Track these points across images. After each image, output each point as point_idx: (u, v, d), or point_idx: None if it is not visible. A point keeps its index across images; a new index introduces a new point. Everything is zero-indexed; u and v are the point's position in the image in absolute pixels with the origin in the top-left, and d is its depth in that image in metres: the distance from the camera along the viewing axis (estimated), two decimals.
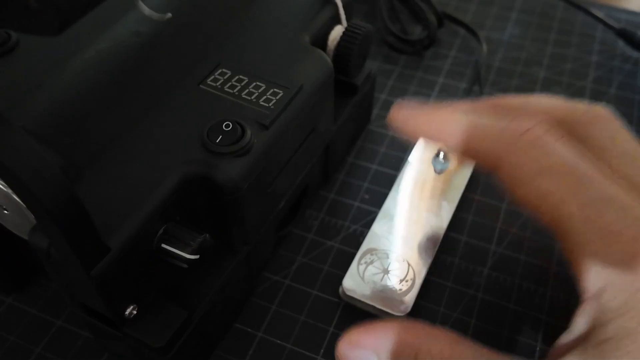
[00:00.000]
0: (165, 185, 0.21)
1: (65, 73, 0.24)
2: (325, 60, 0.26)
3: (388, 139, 0.36)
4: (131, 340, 0.22)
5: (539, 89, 0.39)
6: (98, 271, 0.19)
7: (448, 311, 0.28)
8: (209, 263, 0.24)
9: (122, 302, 0.22)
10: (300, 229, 0.31)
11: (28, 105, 0.23)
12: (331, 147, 0.31)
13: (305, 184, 0.29)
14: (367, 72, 0.32)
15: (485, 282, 0.29)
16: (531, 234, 0.31)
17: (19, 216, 0.21)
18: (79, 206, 0.17)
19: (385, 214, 0.31)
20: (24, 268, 0.28)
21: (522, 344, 0.27)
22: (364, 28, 0.29)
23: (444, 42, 0.43)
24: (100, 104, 0.23)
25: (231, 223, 0.24)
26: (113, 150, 0.22)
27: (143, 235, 0.20)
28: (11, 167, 0.15)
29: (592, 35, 0.43)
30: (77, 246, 0.18)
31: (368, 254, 0.29)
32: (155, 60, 0.25)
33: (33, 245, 0.20)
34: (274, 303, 0.28)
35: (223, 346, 0.27)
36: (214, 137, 0.22)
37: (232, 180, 0.22)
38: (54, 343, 0.27)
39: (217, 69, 0.25)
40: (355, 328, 0.20)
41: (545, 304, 0.28)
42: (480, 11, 0.45)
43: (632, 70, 0.41)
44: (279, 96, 0.24)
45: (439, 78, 0.40)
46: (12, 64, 0.24)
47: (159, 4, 0.27)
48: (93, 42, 0.25)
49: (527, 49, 0.42)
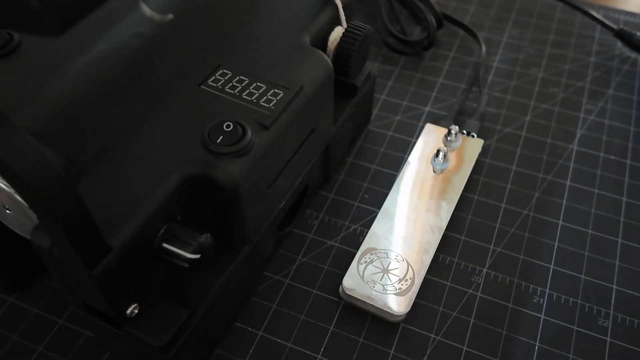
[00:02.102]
0: (166, 185, 0.21)
1: (67, 74, 0.24)
2: (326, 61, 0.27)
3: (388, 139, 0.36)
4: (132, 339, 0.23)
5: (538, 89, 0.39)
6: (100, 270, 0.19)
7: (447, 310, 0.28)
8: (209, 262, 0.24)
9: (123, 301, 0.22)
10: (300, 228, 0.31)
11: (30, 105, 0.23)
12: (331, 147, 0.31)
13: (305, 183, 0.29)
14: (367, 72, 0.32)
15: (484, 281, 0.29)
16: (530, 234, 0.31)
17: (21, 216, 0.21)
18: (81, 206, 0.17)
19: (385, 213, 0.31)
20: (26, 267, 0.28)
21: (521, 343, 0.27)
22: (363, 29, 0.29)
23: (443, 43, 0.43)
24: (102, 105, 0.23)
25: (232, 223, 0.24)
26: (114, 150, 0.22)
27: (144, 234, 0.20)
28: (14, 166, 0.15)
29: (590, 36, 0.43)
30: (79, 245, 0.18)
31: (368, 254, 0.29)
32: (157, 61, 0.25)
33: (35, 244, 0.20)
34: (275, 302, 0.28)
35: (224, 345, 0.27)
36: (214, 137, 0.22)
37: (232, 180, 0.22)
38: (55, 342, 0.27)
39: (218, 69, 0.25)
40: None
41: (544, 303, 0.28)
42: (479, 12, 0.46)
43: (630, 71, 0.41)
44: (279, 97, 0.24)
45: (439, 79, 0.40)
46: (14, 65, 0.24)
47: (160, 5, 0.27)
48: (95, 43, 0.25)
49: (526, 49, 0.42)
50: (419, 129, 0.36)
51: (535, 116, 0.37)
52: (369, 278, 0.28)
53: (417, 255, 0.29)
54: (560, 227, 0.31)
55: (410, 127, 0.37)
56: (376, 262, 0.29)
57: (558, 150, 0.35)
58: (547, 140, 0.36)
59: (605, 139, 0.36)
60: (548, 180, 0.34)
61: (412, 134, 0.36)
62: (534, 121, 0.37)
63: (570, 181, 0.34)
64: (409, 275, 0.28)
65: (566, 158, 0.35)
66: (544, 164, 0.35)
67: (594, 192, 0.33)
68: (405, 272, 0.28)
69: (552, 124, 0.37)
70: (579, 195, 0.33)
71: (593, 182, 0.34)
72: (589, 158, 0.35)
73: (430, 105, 0.38)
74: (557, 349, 0.27)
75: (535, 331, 0.27)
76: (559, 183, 0.34)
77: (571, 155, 0.35)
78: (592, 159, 0.35)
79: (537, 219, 0.32)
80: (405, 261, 0.29)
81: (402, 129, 0.37)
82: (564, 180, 0.34)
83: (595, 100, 0.39)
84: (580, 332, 0.27)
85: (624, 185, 0.34)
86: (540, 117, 0.37)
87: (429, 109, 0.38)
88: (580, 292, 0.29)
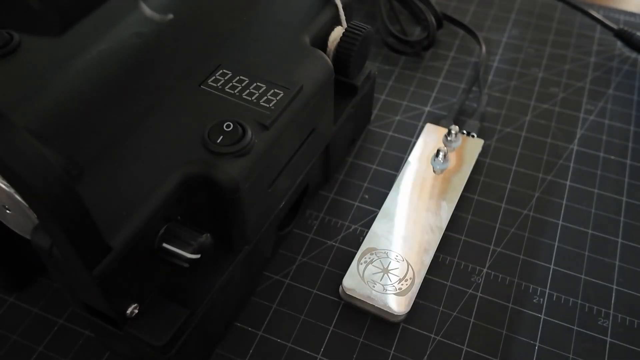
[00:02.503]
0: (166, 185, 0.21)
1: (67, 74, 0.24)
2: (326, 61, 0.27)
3: (388, 139, 0.36)
4: (132, 339, 0.23)
5: (538, 89, 0.39)
6: (100, 270, 0.19)
7: (447, 310, 0.28)
8: (210, 262, 0.24)
9: (123, 301, 0.22)
10: (300, 228, 0.31)
11: (30, 105, 0.23)
12: (331, 147, 0.31)
13: (305, 183, 0.29)
14: (367, 72, 0.32)
15: (484, 281, 0.29)
16: (530, 234, 0.31)
17: (21, 216, 0.21)
18: (81, 206, 0.17)
19: (385, 213, 0.31)
20: (26, 267, 0.28)
21: (521, 343, 0.27)
22: (363, 29, 0.29)
23: (443, 43, 0.43)
24: (102, 105, 0.23)
25: (232, 223, 0.24)
26: (114, 150, 0.22)
27: (144, 234, 0.21)
28: (14, 166, 0.15)
29: (590, 36, 0.43)
30: (79, 245, 0.18)
31: (368, 254, 0.29)
32: (157, 61, 0.25)
33: (35, 244, 0.20)
34: (275, 302, 0.28)
35: (224, 345, 0.27)
36: (214, 137, 0.22)
37: (232, 180, 0.22)
38: (56, 342, 0.27)
39: (218, 69, 0.25)
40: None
41: (544, 303, 0.28)
42: (479, 12, 0.46)
43: (630, 70, 0.41)
44: (279, 97, 0.24)
45: (439, 79, 0.40)
46: (14, 65, 0.24)
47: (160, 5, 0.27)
48: (95, 43, 0.25)
49: (526, 49, 0.42)
50: (419, 129, 0.36)
51: (535, 116, 0.37)
52: (369, 278, 0.28)
53: (417, 255, 0.29)
54: (560, 227, 0.31)
55: (410, 127, 0.37)
56: (376, 262, 0.29)
57: (558, 150, 0.35)
58: (547, 140, 0.36)
59: (605, 139, 0.36)
60: (548, 180, 0.34)
61: (412, 134, 0.36)
62: (534, 121, 0.37)
63: (570, 181, 0.34)
64: (409, 275, 0.28)
65: (566, 158, 0.35)
66: (544, 164, 0.35)
67: (594, 192, 0.33)
68: (405, 272, 0.28)
69: (552, 124, 0.37)
70: (579, 195, 0.33)
71: (593, 182, 0.34)
72: (589, 158, 0.35)
73: (430, 105, 0.38)
74: (557, 349, 0.27)
75: (535, 331, 0.27)
76: (559, 183, 0.34)
77: (571, 155, 0.35)
78: (592, 159, 0.35)
79: (537, 219, 0.32)
80: (405, 261, 0.29)
81: (402, 129, 0.37)
82: (564, 180, 0.34)
83: (596, 100, 0.39)
84: (580, 332, 0.27)
85: (624, 185, 0.34)
86: (540, 117, 0.37)
87: (429, 109, 0.38)
88: (580, 292, 0.29)
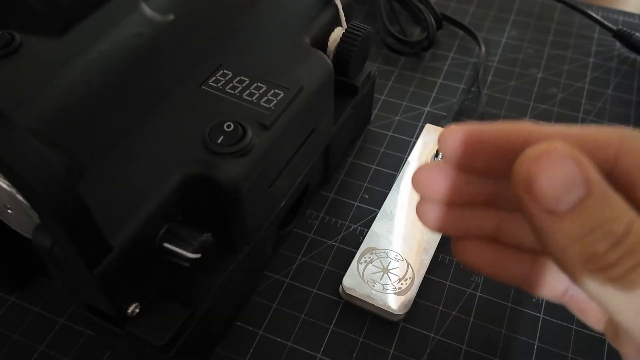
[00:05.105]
0: (167, 185, 0.21)
1: (68, 74, 0.24)
2: (326, 62, 0.27)
3: (388, 139, 0.36)
4: (133, 339, 0.23)
5: (537, 90, 0.39)
6: (101, 270, 0.19)
7: (447, 310, 0.28)
8: (210, 262, 0.24)
9: (124, 300, 0.22)
10: (300, 228, 0.31)
11: (31, 105, 0.23)
12: (331, 147, 0.31)
13: (305, 183, 0.29)
14: (366, 73, 0.32)
15: (484, 280, 0.29)
16: None
17: (23, 215, 0.21)
18: (82, 205, 0.17)
19: (385, 213, 0.31)
20: (28, 267, 0.28)
21: (521, 343, 0.27)
22: (363, 29, 0.29)
23: (442, 43, 0.43)
24: (103, 105, 0.23)
25: (232, 222, 0.24)
26: (115, 150, 0.22)
27: (145, 234, 0.21)
28: (15, 166, 0.15)
29: (589, 37, 0.43)
30: (80, 245, 0.18)
31: (368, 253, 0.29)
32: (158, 61, 0.25)
33: (37, 244, 0.20)
34: (275, 301, 0.28)
35: (224, 344, 0.27)
36: (215, 137, 0.22)
37: (233, 180, 0.22)
38: (57, 341, 0.27)
39: (219, 70, 0.25)
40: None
41: (543, 302, 0.28)
42: (478, 13, 0.46)
43: (629, 71, 0.41)
44: (279, 97, 0.24)
45: (438, 79, 0.40)
46: (15, 65, 0.24)
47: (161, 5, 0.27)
48: (96, 44, 0.25)
49: (525, 50, 0.42)
50: (419, 129, 0.36)
51: (534, 116, 0.37)
52: (368, 277, 0.28)
53: (416, 254, 0.29)
54: None
55: (410, 127, 0.37)
56: (376, 262, 0.29)
57: None
58: None
59: None
60: None
61: (412, 134, 0.36)
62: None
63: None
64: (409, 275, 0.28)
65: None
66: None
67: None
68: (405, 272, 0.28)
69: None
70: None
71: None
72: None
73: (430, 106, 0.38)
74: (557, 348, 0.27)
75: (534, 330, 0.27)
76: None
77: None
78: None
79: None
80: (405, 261, 0.29)
81: (402, 129, 0.37)
82: None
83: (595, 101, 0.39)
84: (580, 331, 0.27)
85: None
86: (539, 117, 0.37)
87: (428, 109, 0.38)
88: None
